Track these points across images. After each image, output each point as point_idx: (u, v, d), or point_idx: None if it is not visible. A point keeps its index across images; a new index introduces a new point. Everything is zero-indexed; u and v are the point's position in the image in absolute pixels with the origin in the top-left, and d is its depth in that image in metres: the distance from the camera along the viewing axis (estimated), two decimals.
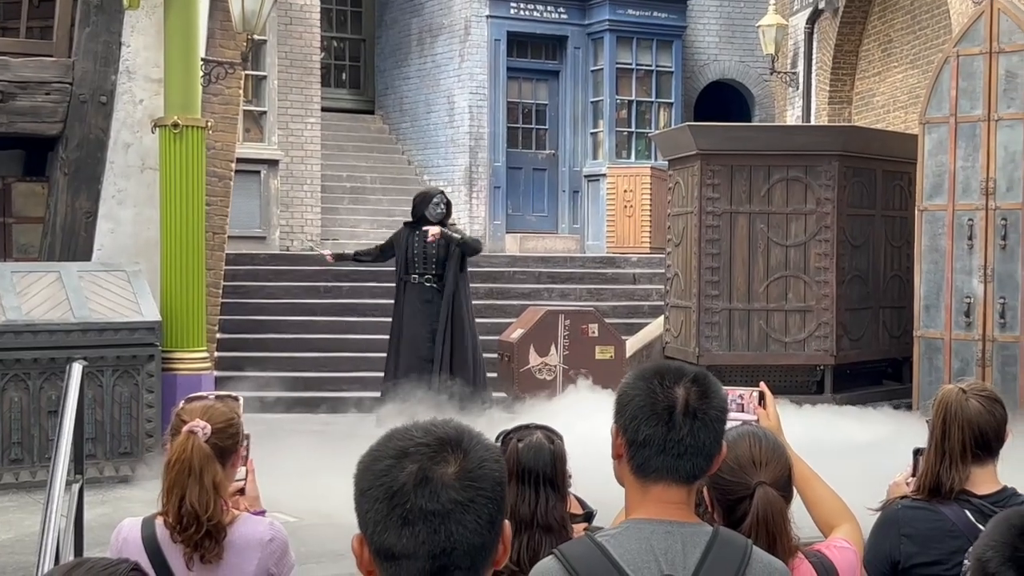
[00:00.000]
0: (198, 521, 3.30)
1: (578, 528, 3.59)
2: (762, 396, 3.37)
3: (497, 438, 3.63)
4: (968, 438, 3.38)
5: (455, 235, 11.09)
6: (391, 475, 1.74)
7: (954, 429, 3.39)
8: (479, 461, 1.76)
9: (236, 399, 3.69)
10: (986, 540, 2.73)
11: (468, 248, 11.27)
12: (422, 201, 11.26)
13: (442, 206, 11.13)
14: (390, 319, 14.12)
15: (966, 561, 3.11)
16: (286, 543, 3.51)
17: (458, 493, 1.72)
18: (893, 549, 3.38)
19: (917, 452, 3.56)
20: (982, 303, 11.60)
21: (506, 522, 1.80)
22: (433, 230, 10.86)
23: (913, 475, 3.58)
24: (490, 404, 10.81)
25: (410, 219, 11.34)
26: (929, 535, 3.36)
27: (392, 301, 13.62)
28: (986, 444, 3.40)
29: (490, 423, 8.64)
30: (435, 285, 10.89)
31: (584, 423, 7.05)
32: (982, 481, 3.41)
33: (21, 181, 11.57)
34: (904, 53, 16.43)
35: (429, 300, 10.88)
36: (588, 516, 3.81)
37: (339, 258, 12.15)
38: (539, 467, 3.46)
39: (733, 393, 3.38)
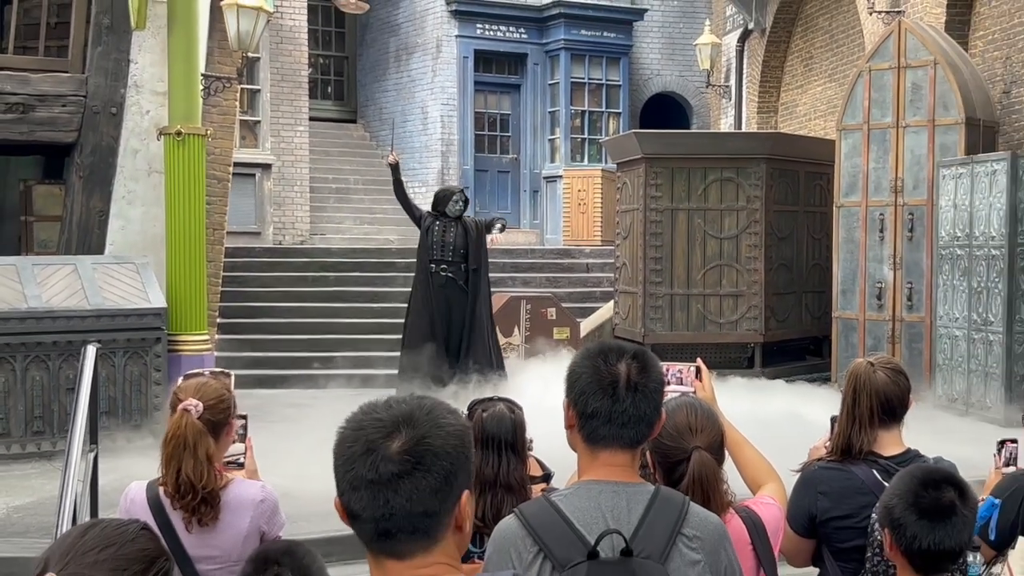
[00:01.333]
0: (194, 489, 3.27)
1: (537, 488, 3.58)
2: (699, 370, 3.36)
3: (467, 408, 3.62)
4: (875, 405, 3.37)
5: (496, 231, 10.97)
6: (348, 446, 1.75)
7: (863, 397, 3.39)
8: (421, 437, 1.73)
9: (228, 375, 3.65)
10: (892, 490, 2.77)
11: (504, 227, 11.26)
12: (443, 198, 10.95)
13: (460, 203, 10.85)
14: (373, 305, 14.16)
15: (873, 515, 3.14)
16: (276, 503, 3.48)
17: (396, 466, 1.71)
18: (811, 505, 3.38)
19: (834, 419, 3.56)
20: (892, 288, 11.69)
21: (465, 493, 1.77)
22: (498, 238, 10.84)
23: (829, 441, 3.58)
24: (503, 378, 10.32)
25: (431, 211, 10.96)
26: (842, 492, 3.36)
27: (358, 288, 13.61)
28: (891, 410, 3.40)
29: (464, 395, 8.63)
30: (450, 273, 10.54)
31: (544, 395, 7.02)
32: (888, 443, 3.41)
33: (41, 184, 11.51)
34: (823, 68, 16.50)
35: (443, 285, 10.52)
36: (547, 477, 3.81)
37: (395, 168, 10.91)
38: (501, 434, 3.46)
39: (673, 368, 3.37)
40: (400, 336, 11.07)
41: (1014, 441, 3.72)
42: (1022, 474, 3.61)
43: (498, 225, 11.14)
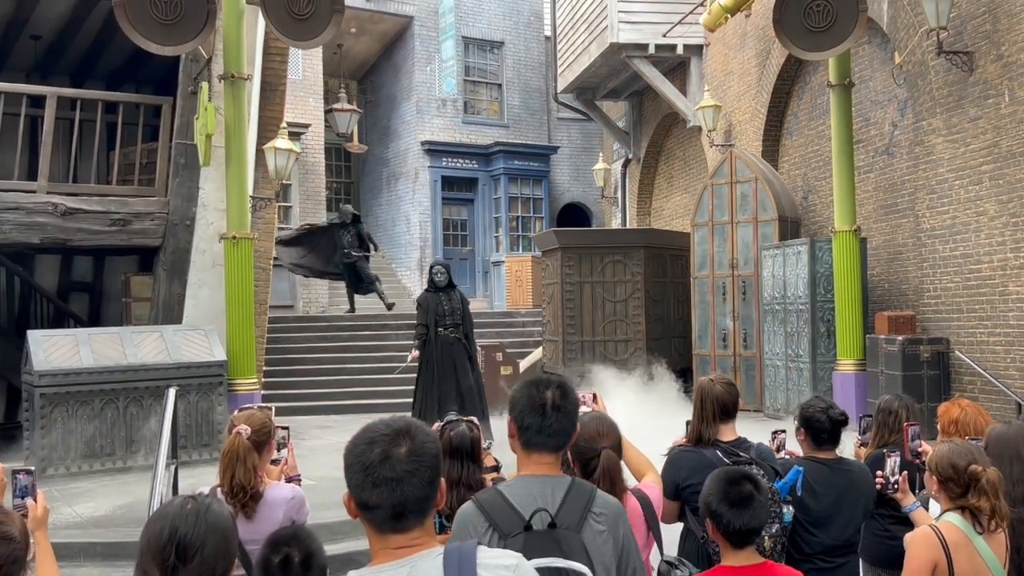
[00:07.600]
0: (244, 490, 3.18)
1: (489, 477, 3.50)
2: (595, 396, 3.35)
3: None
4: (716, 407, 3.40)
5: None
6: (364, 455, 1.68)
7: (707, 402, 3.41)
8: (421, 444, 1.70)
9: (269, 408, 3.57)
10: (707, 490, 2.70)
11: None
12: (430, 273, 9.42)
13: (440, 274, 9.26)
14: (373, 354, 13.98)
15: None
16: (303, 499, 3.39)
17: (407, 465, 1.66)
18: (676, 477, 3.36)
19: (688, 422, 3.58)
20: (732, 333, 11.77)
21: (442, 480, 1.75)
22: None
23: (686, 435, 3.59)
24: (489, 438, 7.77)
25: (427, 290, 9.43)
26: (695, 467, 3.34)
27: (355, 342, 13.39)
28: (727, 410, 3.42)
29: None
30: (456, 334, 9.13)
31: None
32: (726, 433, 3.42)
33: (136, 275, 11.33)
34: (680, 184, 16.75)
35: (451, 344, 9.07)
36: (497, 468, 3.72)
37: (419, 348, 9.23)
38: (463, 447, 3.37)
39: (579, 393, 3.35)
40: (392, 376, 10.83)
41: (783, 432, 3.78)
42: (787, 456, 3.66)
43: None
